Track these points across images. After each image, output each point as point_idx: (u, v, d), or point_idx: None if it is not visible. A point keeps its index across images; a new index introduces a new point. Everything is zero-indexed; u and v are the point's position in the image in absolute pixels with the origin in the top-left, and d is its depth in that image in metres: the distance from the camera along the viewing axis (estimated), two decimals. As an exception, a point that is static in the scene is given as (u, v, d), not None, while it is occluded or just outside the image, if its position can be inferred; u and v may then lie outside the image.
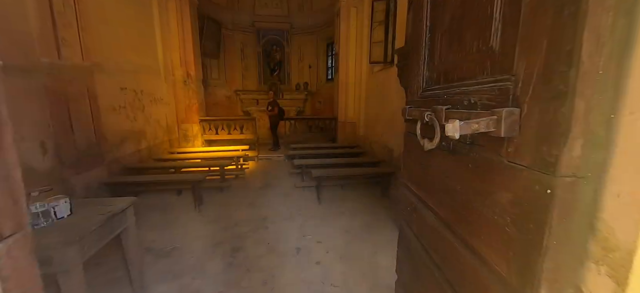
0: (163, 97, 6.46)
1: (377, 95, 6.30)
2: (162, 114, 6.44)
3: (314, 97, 11.30)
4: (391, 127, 5.49)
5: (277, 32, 11.03)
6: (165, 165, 5.24)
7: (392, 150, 5.42)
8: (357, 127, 7.56)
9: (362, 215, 4.06)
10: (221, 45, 10.21)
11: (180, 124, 7.03)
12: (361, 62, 7.03)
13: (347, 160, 5.49)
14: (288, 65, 11.39)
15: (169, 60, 6.62)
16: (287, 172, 6.25)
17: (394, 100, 5.32)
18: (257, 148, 7.67)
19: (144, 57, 5.69)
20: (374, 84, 6.50)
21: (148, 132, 5.74)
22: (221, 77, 10.45)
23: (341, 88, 7.60)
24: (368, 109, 6.96)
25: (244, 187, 5.30)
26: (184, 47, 6.77)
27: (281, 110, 7.99)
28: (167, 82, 6.55)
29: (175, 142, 6.95)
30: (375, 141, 6.47)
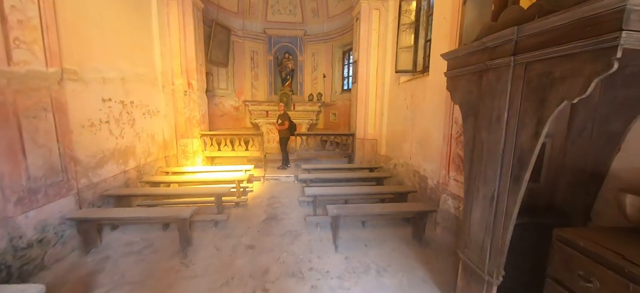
0: (160, 109, 5.73)
1: (403, 110, 5.32)
2: (158, 127, 5.70)
3: (328, 109, 10.43)
4: (425, 149, 4.48)
5: (290, 39, 10.32)
6: (153, 192, 4.42)
7: (427, 178, 4.40)
8: (378, 145, 6.57)
9: (393, 273, 3.04)
10: (230, 53, 9.56)
11: (178, 139, 6.28)
12: (384, 71, 6.11)
13: (370, 190, 4.50)
14: (301, 74, 10.62)
15: (168, 68, 5.92)
16: (296, 198, 5.32)
17: (428, 116, 4.34)
18: (265, 166, 6.81)
19: (137, 63, 4.98)
20: (399, 96, 5.54)
21: (138, 149, 4.98)
22: (229, 86, 9.77)
23: (360, 100, 6.68)
24: (392, 125, 5.98)
25: (245, 218, 4.40)
26: (186, 54, 6.07)
27: (292, 125, 7.12)
28: (165, 92, 5.83)
29: (173, 159, 6.19)
30: (401, 164, 5.45)
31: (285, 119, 6.94)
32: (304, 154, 6.94)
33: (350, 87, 9.69)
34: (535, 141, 1.72)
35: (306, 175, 5.25)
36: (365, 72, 6.55)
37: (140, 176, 5.00)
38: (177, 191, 4.51)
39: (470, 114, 2.31)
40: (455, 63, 2.48)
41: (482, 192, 2.17)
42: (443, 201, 3.82)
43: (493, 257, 2.09)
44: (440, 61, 4.10)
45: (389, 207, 3.59)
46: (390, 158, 6.02)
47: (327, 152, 6.90)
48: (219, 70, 9.28)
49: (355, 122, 7.02)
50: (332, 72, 10.22)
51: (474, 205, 2.27)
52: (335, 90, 10.27)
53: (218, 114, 9.37)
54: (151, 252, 3.44)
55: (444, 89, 3.91)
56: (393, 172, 5.76)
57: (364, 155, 6.77)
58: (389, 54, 5.97)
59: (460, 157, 3.46)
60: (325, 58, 10.30)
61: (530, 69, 1.74)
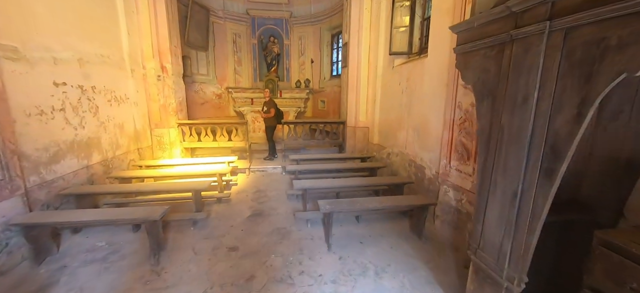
0: (129, 96, 5.13)
1: (398, 95, 4.99)
2: (128, 116, 5.11)
3: (317, 96, 9.98)
4: (422, 137, 4.18)
5: (275, 21, 9.69)
6: (122, 189, 3.92)
7: (424, 168, 4.11)
8: (370, 134, 6.25)
9: (393, 273, 2.76)
10: (210, 35, 8.86)
11: (153, 129, 5.70)
12: (377, 53, 5.72)
13: (364, 182, 4.18)
14: (287, 59, 10.05)
15: (137, 49, 5.28)
16: (284, 191, 4.95)
17: (427, 101, 4.02)
18: (250, 157, 6.36)
19: (98, 43, 4.36)
20: (394, 80, 5.19)
21: (104, 141, 4.42)
22: (210, 72, 9.11)
23: (351, 86, 6.29)
24: (385, 112, 5.65)
25: (228, 215, 3.99)
26: (158, 33, 5.43)
27: (279, 113, 6.67)
28: (135, 77, 5.22)
29: (147, 151, 5.63)
30: (395, 153, 5.16)
31: (271, 107, 6.47)
32: (292, 144, 6.53)
33: (339, 73, 9.26)
34: (576, 126, 1.41)
35: (294, 167, 4.87)
36: (356, 56, 6.14)
37: (108, 171, 4.46)
38: (150, 187, 4.02)
39: (487, 95, 1.98)
40: (468, 36, 2.13)
41: (501, 186, 1.86)
42: (443, 193, 3.55)
43: (514, 262, 1.81)
44: (441, 41, 3.78)
45: (386, 201, 3.28)
46: (383, 147, 5.72)
47: (317, 142, 6.53)
48: (198, 54, 8.59)
49: (345, 109, 6.65)
50: (321, 56, 9.72)
51: (490, 201, 1.97)
52: (324, 76, 9.81)
53: (198, 101, 8.74)
54: (118, 258, 3.00)
55: (444, 71, 3.59)
56: (387, 161, 5.46)
57: (355, 144, 6.44)
58: (382, 35, 5.57)
59: (463, 145, 3.17)
60: (313, 42, 9.77)
61: (572, 37, 1.41)
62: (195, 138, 6.04)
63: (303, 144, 6.51)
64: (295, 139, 6.46)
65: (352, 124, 6.43)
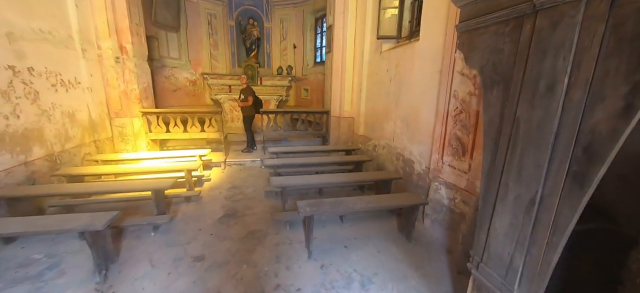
0: (81, 80, 4.45)
1: (386, 83, 4.64)
2: (81, 104, 4.45)
3: (300, 84, 9.48)
4: (412, 129, 3.87)
5: (255, 1, 9.00)
6: (67, 190, 3.34)
7: (413, 162, 3.82)
8: (355, 124, 5.90)
9: (381, 284, 2.45)
10: (182, 14, 8.07)
11: (113, 118, 5.05)
12: (363, 38, 5.31)
13: (348, 178, 3.83)
14: (268, 44, 9.43)
15: (89, 25, 4.57)
16: (262, 187, 4.53)
17: (417, 90, 3.69)
18: (226, 149, 5.85)
19: (37, 16, 3.65)
20: (381, 67, 4.83)
21: (49, 133, 3.78)
22: (183, 56, 8.35)
23: (335, 73, 5.87)
24: (371, 102, 5.30)
25: (197, 217, 3.54)
26: (115, 8, 4.71)
27: (257, 101, 6.16)
28: (87, 59, 4.52)
29: (107, 143, 4.98)
30: (382, 145, 4.84)
31: (248, 95, 5.95)
32: (272, 135, 6.07)
33: (323, 60, 8.79)
34: (622, 123, 1.09)
35: (274, 161, 4.44)
36: (341, 40, 5.70)
37: (55, 167, 3.84)
38: (100, 187, 3.45)
39: (498, 81, 1.64)
40: (475, 9, 1.76)
41: (514, 192, 1.55)
42: (434, 190, 3.27)
43: (526, 281, 1.52)
44: (435, 22, 3.41)
45: (374, 201, 2.95)
46: (369, 138, 5.39)
47: (299, 133, 6.10)
48: (168, 35, 7.81)
49: (329, 98, 6.24)
50: (304, 42, 9.18)
51: (498, 208, 1.66)
52: (307, 63, 9.30)
53: (170, 88, 8.01)
54: (56, 275, 2.50)
55: (438, 56, 3.25)
56: (373, 154, 5.15)
57: (339, 135, 6.08)
58: (369, 17, 5.15)
59: (459, 139, 2.87)
60: (295, 26, 9.19)
61: (622, 2, 1.07)
62: (163, 128, 5.44)
63: (284, 135, 6.07)
64: (276, 130, 6.00)
65: (336, 114, 6.05)
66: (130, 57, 4.98)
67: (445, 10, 3.09)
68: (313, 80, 9.03)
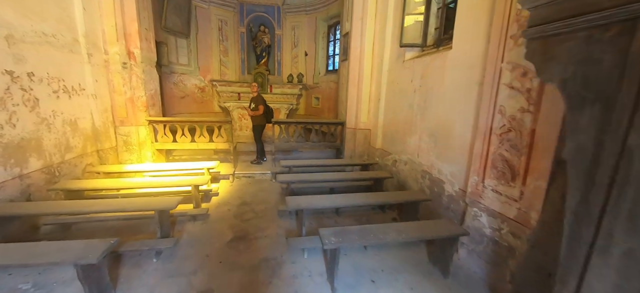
0: (86, 86, 4.21)
1: (409, 94, 4.30)
2: (85, 111, 4.20)
3: (311, 92, 9.20)
4: (441, 145, 3.50)
5: (266, 8, 8.81)
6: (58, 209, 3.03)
7: (443, 182, 3.44)
8: (372, 137, 5.54)
9: (423, 337, 2.05)
10: (192, 20, 7.90)
11: (117, 127, 4.78)
12: (383, 45, 4.99)
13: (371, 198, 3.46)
14: (279, 51, 9.21)
15: (96, 29, 4.35)
16: (275, 204, 4.18)
17: (449, 102, 3.34)
18: (235, 160, 5.53)
19: (40, 18, 3.43)
20: (403, 77, 4.49)
21: (48, 143, 3.51)
22: (192, 62, 8.15)
23: (352, 82, 5.55)
24: (391, 113, 4.95)
25: (204, 240, 3.20)
26: (124, 11, 4.50)
27: (269, 111, 5.86)
28: (94, 64, 4.28)
29: (111, 153, 4.71)
30: (403, 161, 4.47)
31: (259, 103, 5.65)
32: (284, 146, 5.75)
33: (336, 68, 8.52)
34: None
35: (287, 177, 4.09)
36: (358, 47, 5.39)
37: (53, 180, 3.56)
38: (100, 206, 3.12)
39: (591, 99, 1.29)
40: (554, 11, 1.42)
41: (622, 244, 1.18)
42: (471, 216, 2.88)
43: None
44: (472, 31, 3.06)
45: (407, 230, 2.57)
46: (388, 152, 5.03)
47: (311, 144, 5.77)
48: (177, 41, 7.62)
49: (344, 108, 5.91)
50: (316, 49, 8.93)
51: (595, 262, 1.28)
52: (318, 71, 9.03)
53: (178, 95, 7.79)
54: (41, 312, 2.17)
55: (477, 66, 2.90)
56: (392, 170, 4.78)
57: (354, 148, 5.72)
58: (390, 24, 4.85)
59: (506, 161, 2.50)
60: (307, 33, 8.96)
61: None
62: (170, 138, 5.16)
63: (296, 146, 5.74)
64: (288, 141, 5.67)
65: (352, 125, 5.71)
66: (138, 62, 4.74)
67: (487, 16, 2.75)
68: (324, 89, 8.74)
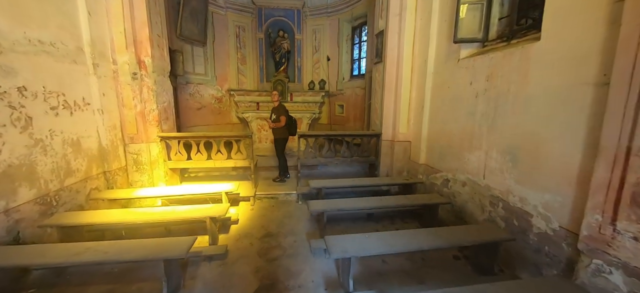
0: (91, 101, 3.72)
1: (468, 99, 3.51)
2: (89, 128, 3.71)
3: (334, 99, 8.52)
4: (528, 166, 2.67)
5: (285, 12, 8.28)
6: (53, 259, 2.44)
7: (530, 216, 2.60)
8: (413, 150, 4.74)
9: None
10: (209, 28, 7.47)
11: (128, 145, 4.28)
12: (426, 43, 4.23)
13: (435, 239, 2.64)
14: (299, 57, 8.62)
15: (105, 37, 3.89)
16: (304, 233, 3.48)
17: (537, 110, 2.54)
18: (255, 180, 4.89)
19: (37, 24, 2.96)
20: (459, 78, 3.70)
21: (43, 168, 3.00)
22: (209, 71, 7.71)
23: (388, 87, 4.81)
24: (440, 122, 4.15)
25: (218, 288, 2.52)
26: (134, 17, 4.03)
27: (291, 121, 5.21)
28: (100, 75, 3.80)
29: (120, 174, 4.20)
30: (460, 181, 3.64)
31: (281, 114, 5.02)
32: (310, 161, 5.04)
33: (362, 72, 7.82)
34: None
35: (320, 205, 3.36)
36: (396, 48, 4.66)
37: (49, 212, 3.03)
38: (96, 254, 2.48)
39: None
40: None
41: None
42: (592, 271, 2.03)
43: None
44: (574, 12, 2.26)
45: None
46: (435, 170, 4.21)
47: (342, 159, 5.03)
48: (194, 49, 7.20)
49: (379, 117, 5.16)
50: (339, 53, 8.27)
51: None
52: (342, 77, 8.34)
53: (194, 106, 7.34)
54: None
55: (590, 62, 2.09)
56: (443, 191, 3.96)
57: (392, 163, 4.94)
58: (435, 17, 4.09)
59: (672, 199, 1.66)
60: (329, 36, 8.33)
61: None
62: (184, 155, 4.60)
63: (324, 162, 5.03)
64: (315, 156, 4.97)
65: (388, 137, 4.94)
66: (149, 72, 4.24)
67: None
68: (349, 96, 8.03)
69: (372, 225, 3.83)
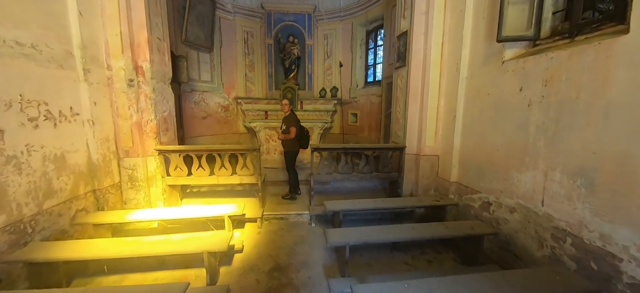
0: (80, 110, 3.31)
1: (517, 108, 2.94)
2: (77, 141, 3.28)
3: (347, 107, 8.01)
4: (611, 193, 2.08)
5: (296, 17, 7.88)
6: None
7: (618, 259, 1.99)
8: (441, 165, 4.16)
9: None
10: (216, 33, 7.12)
11: (122, 159, 3.84)
12: (459, 45, 3.68)
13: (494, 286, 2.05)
14: (309, 63, 8.18)
15: (99, 40, 3.50)
16: (320, 268, 2.93)
17: (625, 122, 1.94)
18: (263, 196, 4.38)
19: (15, 22, 2.57)
20: (503, 84, 3.14)
21: (15, 190, 2.56)
22: (215, 78, 7.33)
23: (413, 94, 4.27)
24: (476, 135, 3.57)
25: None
26: (130, 18, 3.64)
27: (303, 133, 4.71)
28: (91, 82, 3.39)
29: (113, 192, 3.75)
30: (510, 207, 3.04)
31: (291, 124, 4.52)
32: (323, 176, 4.49)
33: (377, 79, 7.30)
34: None
35: (341, 237, 2.78)
36: (421, 50, 4.14)
37: (22, 241, 2.58)
38: None
39: None
40: None
41: None
42: None
43: None
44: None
45: None
46: (472, 190, 3.61)
47: (360, 175, 4.47)
48: (199, 55, 6.84)
49: (401, 127, 4.61)
50: (352, 59, 7.79)
51: None
52: (355, 84, 7.84)
53: (199, 115, 6.94)
54: None
55: None
56: (484, 216, 3.35)
57: (417, 179, 4.37)
58: (469, 13, 3.56)
59: None
60: (342, 41, 7.87)
61: None
62: (184, 171, 4.13)
63: (340, 177, 4.48)
64: (330, 172, 4.42)
65: (413, 151, 4.38)
66: (147, 79, 3.82)
67: None
68: (363, 104, 7.51)
69: (400, 256, 3.25)
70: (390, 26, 6.21)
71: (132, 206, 3.94)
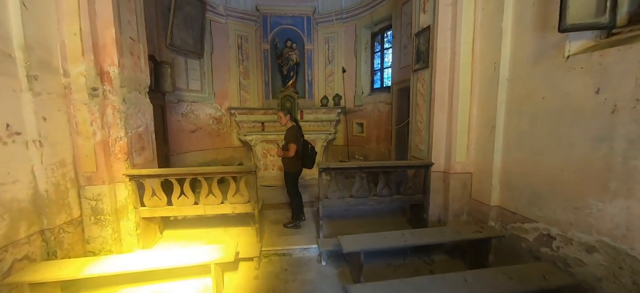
0: (23, 129, 2.55)
1: (591, 116, 2.27)
2: (18, 170, 2.52)
3: (351, 116, 7.33)
4: None
5: (294, 20, 7.26)
6: None
7: None
8: (476, 185, 3.45)
9: None
10: (206, 37, 6.44)
11: (83, 187, 3.06)
12: (498, 39, 3.02)
13: None
14: (309, 69, 7.52)
15: (51, 38, 2.77)
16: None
17: None
18: (261, 228, 3.61)
19: None
20: (565, 86, 2.48)
21: None
22: (206, 87, 6.61)
23: (439, 101, 3.60)
24: (528, 151, 2.88)
25: None
26: (92, 12, 2.93)
27: (306, 150, 3.97)
28: (39, 92, 2.65)
29: (71, 230, 2.96)
30: (587, 245, 2.33)
31: (291, 140, 3.78)
32: (334, 201, 3.72)
33: (385, 85, 6.65)
34: None
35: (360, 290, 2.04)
36: (448, 48, 3.48)
37: None
38: None
39: None
40: None
41: None
42: None
43: None
44: None
45: None
46: (522, 217, 2.90)
47: (377, 199, 3.72)
48: (188, 62, 6.13)
49: (423, 140, 3.92)
50: (356, 64, 7.15)
51: None
52: (361, 91, 7.17)
53: (188, 128, 6.18)
54: None
55: None
56: (540, 252, 2.63)
57: (446, 202, 3.65)
58: (510, 1, 2.91)
59: None
60: (345, 45, 7.24)
61: None
62: (163, 199, 3.35)
63: (355, 202, 3.72)
64: (343, 196, 3.67)
65: (440, 168, 3.67)
66: (115, 87, 3.09)
67: None
68: (370, 112, 6.83)
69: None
70: (400, 26, 5.60)
71: (96, 246, 3.15)
